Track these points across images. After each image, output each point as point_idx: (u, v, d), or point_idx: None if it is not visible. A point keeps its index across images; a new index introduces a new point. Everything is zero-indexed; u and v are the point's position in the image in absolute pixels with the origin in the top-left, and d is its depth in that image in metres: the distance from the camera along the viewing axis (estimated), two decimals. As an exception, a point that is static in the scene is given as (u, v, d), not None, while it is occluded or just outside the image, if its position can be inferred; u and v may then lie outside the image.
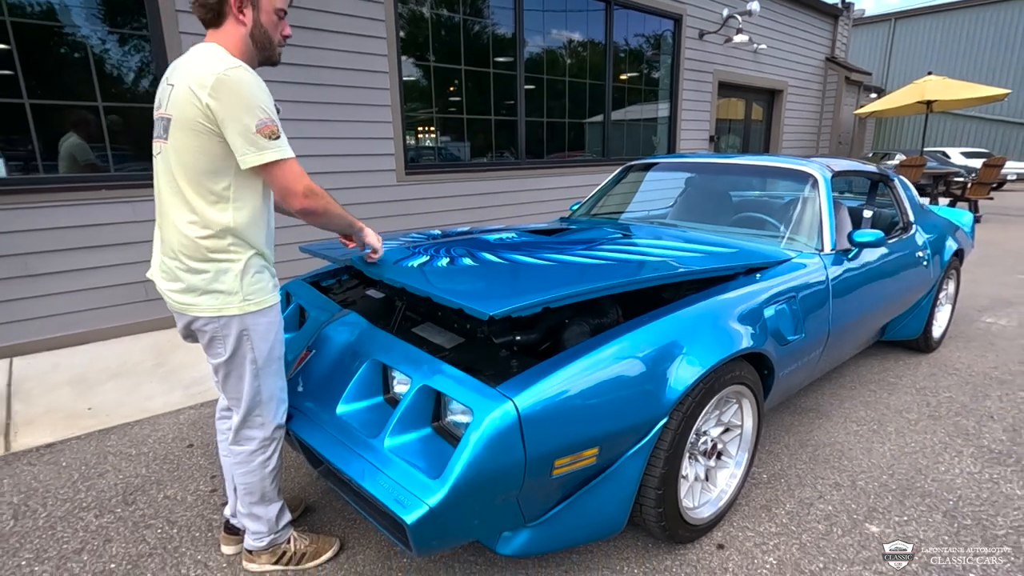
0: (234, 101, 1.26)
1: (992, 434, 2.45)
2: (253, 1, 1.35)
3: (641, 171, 3.25)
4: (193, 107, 1.27)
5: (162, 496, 1.98)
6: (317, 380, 1.66)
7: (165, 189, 1.39)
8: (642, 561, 1.68)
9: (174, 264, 1.39)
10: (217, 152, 1.31)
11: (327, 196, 1.46)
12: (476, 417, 1.25)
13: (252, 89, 1.28)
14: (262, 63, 1.46)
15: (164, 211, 1.40)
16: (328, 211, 1.46)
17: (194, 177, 1.33)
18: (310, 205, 1.40)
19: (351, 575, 1.62)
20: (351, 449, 1.40)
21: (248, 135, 1.28)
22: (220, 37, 1.36)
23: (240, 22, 1.36)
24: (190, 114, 1.28)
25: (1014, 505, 1.96)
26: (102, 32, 3.37)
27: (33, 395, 2.78)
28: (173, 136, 1.32)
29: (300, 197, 1.38)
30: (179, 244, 1.37)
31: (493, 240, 2.13)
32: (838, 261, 2.30)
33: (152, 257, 1.50)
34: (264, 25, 1.39)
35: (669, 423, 1.52)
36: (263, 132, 1.29)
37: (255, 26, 1.38)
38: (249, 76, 1.29)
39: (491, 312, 1.28)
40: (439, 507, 1.20)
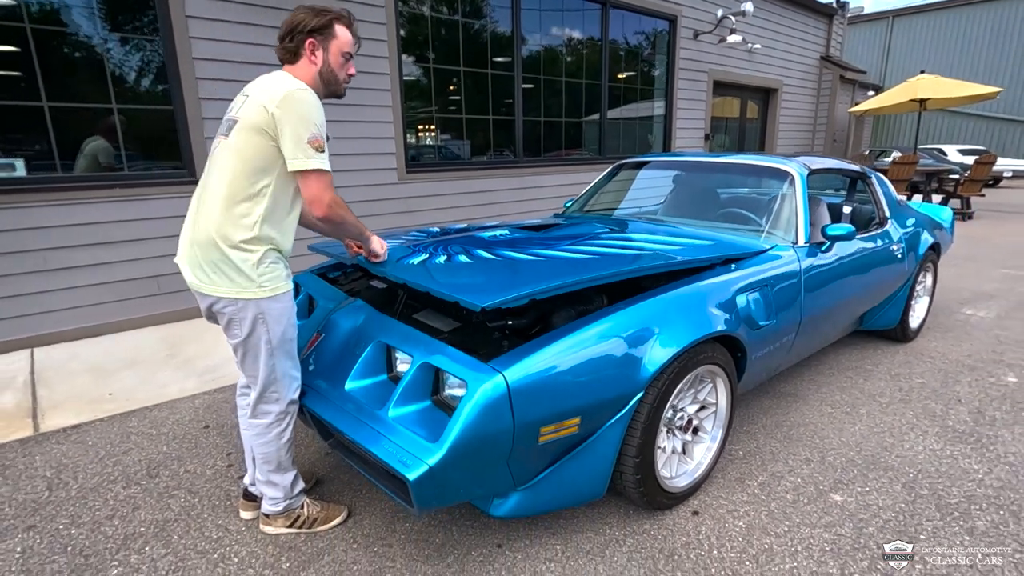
0: (295, 114, 1.48)
1: (957, 416, 2.61)
2: (324, 46, 1.61)
3: (631, 169, 3.41)
4: (261, 115, 1.49)
5: (183, 470, 2.15)
6: (327, 361, 1.82)
7: (212, 181, 1.57)
8: (623, 525, 1.85)
9: (201, 249, 1.56)
10: (268, 155, 1.52)
11: (347, 208, 1.64)
12: (470, 388, 1.41)
13: (311, 108, 1.51)
14: (327, 96, 1.70)
15: (204, 199, 1.58)
16: (345, 221, 1.64)
17: (242, 172, 1.52)
18: (332, 214, 1.58)
19: (358, 538, 1.79)
20: (359, 420, 1.56)
21: (300, 144, 1.48)
22: (296, 71, 1.62)
23: (312, 63, 1.62)
24: (257, 120, 1.50)
25: (969, 478, 2.12)
26: (116, 40, 3.53)
27: (55, 382, 2.94)
28: (236, 135, 1.53)
29: (325, 206, 1.56)
30: (210, 230, 1.54)
31: (488, 237, 2.29)
32: (812, 253, 2.46)
33: (180, 242, 1.66)
34: (331, 65, 1.64)
35: (645, 397, 1.68)
36: (312, 144, 1.49)
37: (324, 66, 1.63)
38: (311, 97, 1.52)
39: (482, 304, 1.44)
40: (437, 466, 1.36)
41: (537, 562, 1.69)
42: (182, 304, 3.94)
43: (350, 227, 1.69)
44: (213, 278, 1.55)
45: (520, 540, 1.78)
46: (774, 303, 2.16)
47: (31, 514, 1.90)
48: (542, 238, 2.25)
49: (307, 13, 1.60)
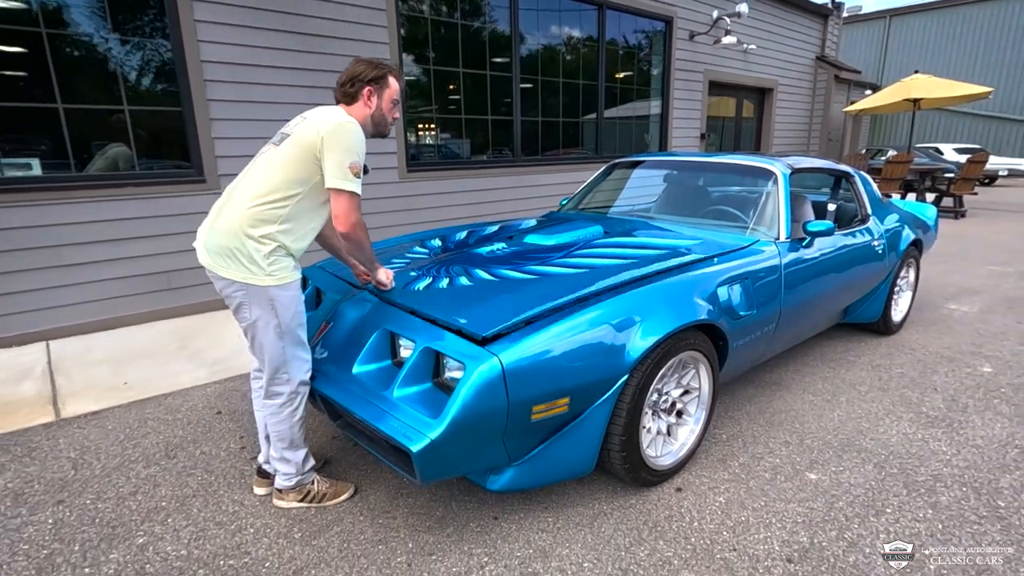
0: (341, 142, 1.69)
1: (932, 403, 2.74)
2: (379, 94, 1.85)
3: (625, 168, 3.54)
4: (312, 136, 1.70)
5: (199, 452, 2.29)
6: (335, 348, 1.96)
7: (249, 179, 1.75)
8: (610, 500, 1.98)
9: (220, 236, 1.72)
10: (308, 170, 1.72)
11: (367, 233, 1.84)
12: (468, 369, 1.55)
13: (356, 140, 1.72)
14: (374, 135, 1.93)
15: (235, 194, 1.76)
16: (363, 243, 1.84)
17: (280, 179, 1.71)
18: (354, 233, 1.78)
19: (364, 511, 1.92)
20: (367, 400, 1.70)
21: (342, 167, 1.69)
22: (352, 111, 1.84)
23: (367, 106, 1.85)
24: (308, 139, 1.70)
25: (937, 459, 2.26)
26: (127, 44, 3.66)
27: (73, 372, 3.08)
28: (286, 147, 1.74)
29: (351, 224, 1.75)
30: (234, 222, 1.70)
31: (486, 254, 2.41)
32: (793, 248, 2.60)
33: (200, 227, 1.83)
34: (383, 110, 1.88)
35: (630, 380, 1.81)
36: (352, 169, 1.70)
37: (376, 110, 1.86)
38: (358, 131, 1.74)
39: (483, 334, 1.62)
40: (439, 440, 1.49)
41: (530, 532, 1.82)
42: (191, 299, 4.08)
43: (366, 250, 1.87)
44: (228, 263, 1.71)
45: (515, 513, 1.91)
46: (755, 295, 2.30)
47: (59, 491, 2.03)
48: (535, 252, 2.37)
49: (367, 65, 1.84)
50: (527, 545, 1.77)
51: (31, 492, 2.03)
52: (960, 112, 20.00)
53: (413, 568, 1.67)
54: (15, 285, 3.43)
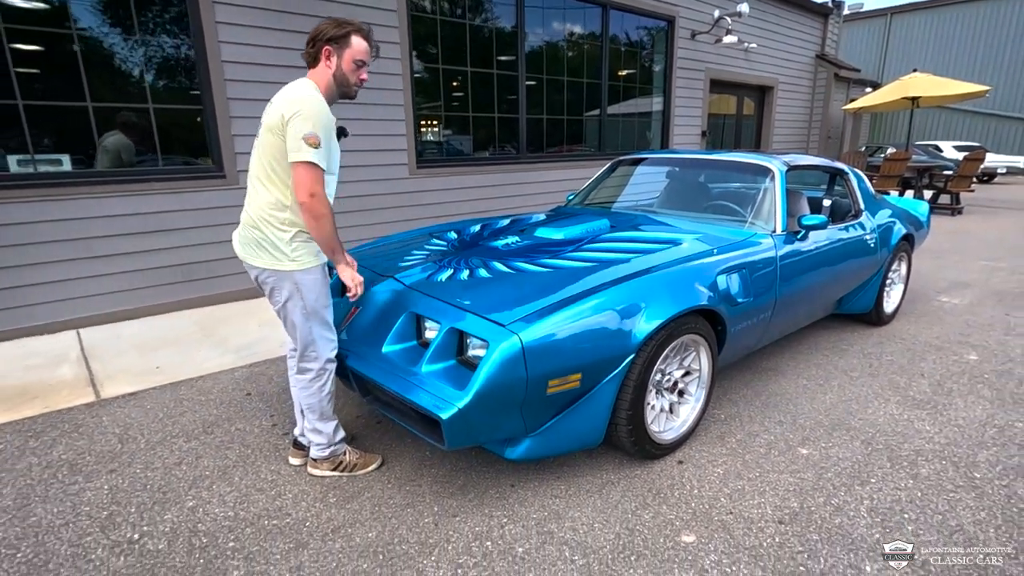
0: (299, 115, 1.72)
1: (918, 387, 2.91)
2: (339, 54, 1.86)
3: (629, 165, 3.71)
4: (277, 118, 1.77)
5: (234, 428, 2.46)
6: (365, 330, 2.13)
7: (252, 174, 1.90)
8: (618, 471, 2.16)
9: (247, 229, 1.90)
10: (281, 152, 1.78)
11: (329, 214, 1.82)
12: (491, 345, 1.72)
13: (312, 109, 1.74)
14: (341, 97, 1.94)
15: (250, 191, 1.91)
16: (323, 221, 1.80)
17: (269, 164, 1.82)
18: (312, 206, 1.76)
19: (392, 480, 2.10)
20: (397, 375, 1.87)
21: (296, 138, 1.72)
22: (314, 75, 1.88)
23: (327, 67, 1.87)
24: (274, 122, 1.78)
25: (920, 436, 2.43)
26: (152, 44, 3.82)
27: (106, 358, 3.25)
28: (261, 136, 1.84)
29: (307, 194, 1.75)
30: (255, 215, 1.87)
31: (502, 247, 2.58)
32: (788, 240, 2.76)
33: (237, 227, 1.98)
34: (344, 71, 1.87)
35: (636, 359, 1.98)
36: (308, 140, 1.72)
37: (337, 70, 1.87)
38: (314, 99, 1.77)
39: (506, 323, 1.78)
40: (466, 408, 1.66)
41: (545, 498, 2.00)
42: (214, 290, 4.25)
43: (326, 234, 1.83)
44: (257, 252, 1.87)
45: (530, 481, 2.09)
46: (752, 284, 2.46)
47: (109, 461, 2.21)
48: (548, 246, 2.53)
49: (329, 24, 1.86)
50: (542, 509, 1.94)
51: (84, 463, 2.20)
52: (960, 110, 20.12)
53: (439, 528, 1.85)
54: (48, 276, 3.61)
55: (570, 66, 6.49)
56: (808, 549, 1.76)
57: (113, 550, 1.74)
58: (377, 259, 2.60)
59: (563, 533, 1.82)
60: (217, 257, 4.24)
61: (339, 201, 4.71)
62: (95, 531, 1.82)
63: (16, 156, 3.49)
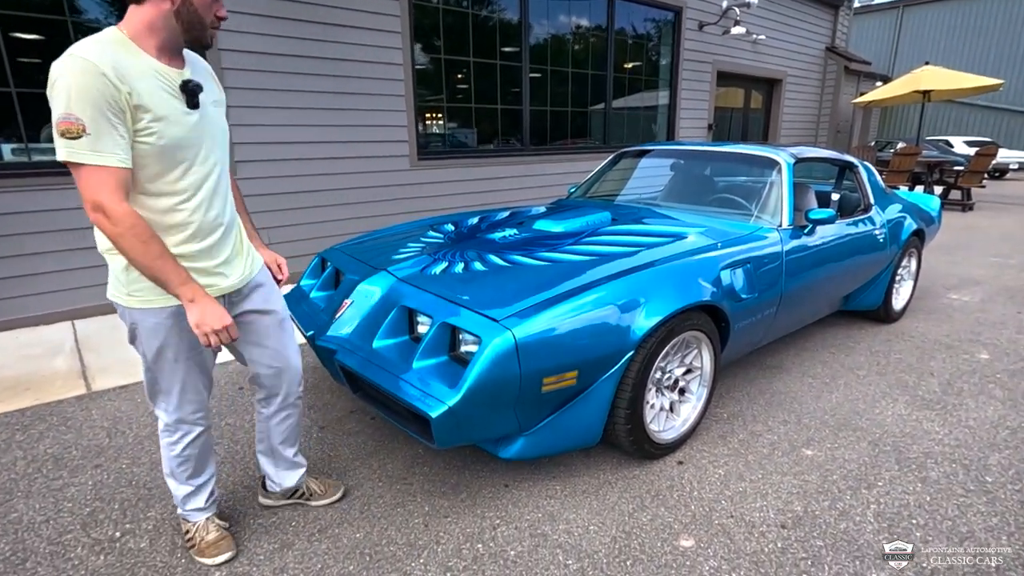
0: (51, 93, 1.16)
1: (928, 387, 2.83)
2: None
3: (632, 157, 3.63)
4: None
5: (224, 423, 2.41)
6: (356, 324, 2.06)
7: None
8: (615, 471, 2.09)
9: None
10: None
11: (137, 227, 1.21)
12: (484, 341, 1.65)
13: (66, 79, 1.14)
14: (190, 45, 1.34)
15: None
16: (124, 241, 1.21)
17: None
18: (99, 222, 1.20)
19: (383, 478, 2.04)
20: (388, 371, 1.81)
21: (56, 130, 1.16)
22: (137, 14, 1.25)
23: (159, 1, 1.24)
24: None
25: (930, 438, 2.35)
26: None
27: (100, 349, 3.21)
28: None
29: (89, 210, 1.20)
30: None
31: (499, 240, 2.51)
32: (795, 235, 2.68)
33: None
34: (194, 3, 1.27)
35: (635, 357, 1.91)
36: (60, 127, 1.15)
37: (183, 4, 1.25)
38: (72, 67, 1.14)
39: (500, 319, 1.71)
40: (456, 406, 1.60)
41: (539, 498, 1.94)
42: (208, 282, 4.20)
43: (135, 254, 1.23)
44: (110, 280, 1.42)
45: (524, 481, 2.03)
46: (756, 279, 2.39)
47: (96, 456, 2.16)
48: (546, 239, 2.46)
49: None
50: (536, 510, 1.88)
51: (70, 457, 2.15)
52: (972, 104, 19.83)
53: (430, 528, 1.79)
54: (42, 266, 3.57)
55: (575, 58, 6.39)
56: (812, 555, 1.69)
57: (93, 548, 1.69)
58: (371, 251, 2.54)
59: (557, 536, 1.76)
60: (214, 249, 4.18)
61: (332, 194, 4.70)
62: (76, 528, 1.77)
63: (10, 144, 3.45)
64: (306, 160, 4.48)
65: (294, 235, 4.53)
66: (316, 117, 4.46)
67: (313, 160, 4.52)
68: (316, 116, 4.46)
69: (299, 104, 4.35)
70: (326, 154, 4.57)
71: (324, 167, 4.59)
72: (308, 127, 4.43)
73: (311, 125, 4.44)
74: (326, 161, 4.59)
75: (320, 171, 4.58)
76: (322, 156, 4.56)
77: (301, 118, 4.38)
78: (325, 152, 4.56)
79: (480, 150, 5.78)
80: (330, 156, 4.60)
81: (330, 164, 4.62)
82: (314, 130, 4.46)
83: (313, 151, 4.50)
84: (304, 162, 4.48)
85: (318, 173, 4.57)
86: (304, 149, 4.45)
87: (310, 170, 4.52)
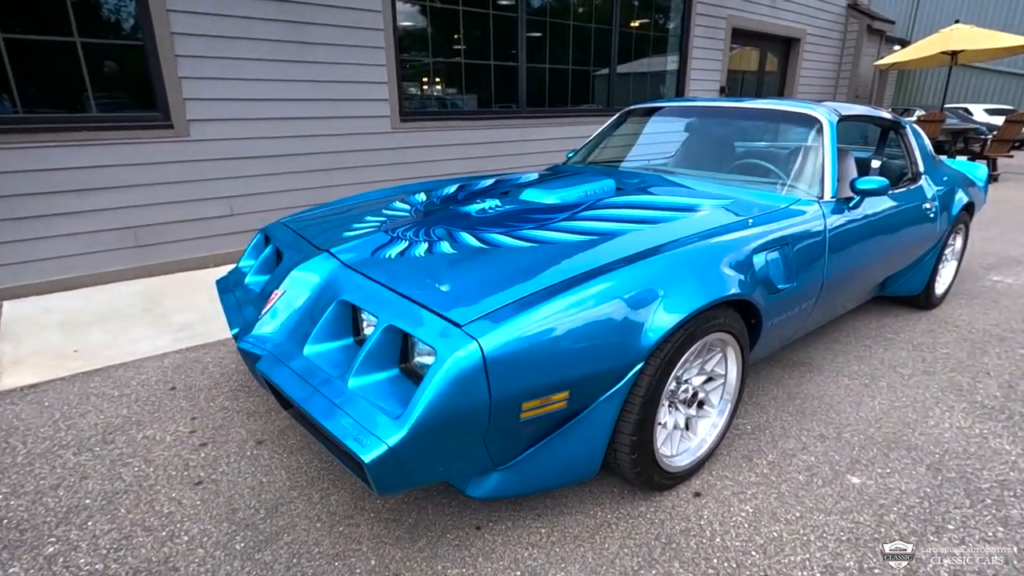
0: None
1: (986, 390, 2.39)
2: None
3: (641, 116, 3.11)
4: None
5: (141, 436, 1.98)
6: (287, 321, 1.61)
7: None
8: (616, 507, 1.67)
9: None
10: None
11: None
12: (439, 357, 1.20)
13: None
14: None
15: None
16: None
17: None
18: None
19: (323, 516, 1.62)
20: (315, 388, 1.36)
21: None
22: None
23: None
24: None
25: (1001, 460, 1.92)
26: (76, -39, 3.20)
27: (23, 337, 2.77)
28: None
29: None
30: None
31: (475, 212, 2.03)
32: (838, 210, 2.20)
33: None
34: None
35: (645, 369, 1.47)
36: None
37: None
38: None
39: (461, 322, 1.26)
40: (398, 447, 1.16)
41: (519, 547, 1.52)
42: (162, 257, 3.74)
43: None
44: None
45: (502, 522, 1.61)
46: (795, 264, 1.92)
47: (-30, 481, 1.74)
48: (535, 212, 1.98)
49: None
50: (513, 566, 1.46)
51: (-63, 483, 1.74)
52: (992, 70, 18.92)
53: (374, 592, 1.38)
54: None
55: (577, 12, 5.77)
56: (876, 638, 1.28)
57: (-77, 624, 1.28)
58: (321, 226, 2.07)
59: (540, 605, 1.35)
60: (168, 220, 3.72)
61: (302, 159, 4.18)
62: (-91, 593, 1.36)
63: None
64: (272, 120, 3.96)
65: (260, 205, 4.04)
66: (281, 70, 3.92)
67: (280, 120, 4.00)
68: (281, 69, 3.92)
69: (261, 55, 3.81)
70: (295, 113, 4.05)
71: (293, 128, 4.07)
72: (273, 82, 3.90)
73: (277, 80, 3.91)
74: (295, 121, 4.07)
75: (288, 132, 4.06)
76: (290, 116, 4.03)
77: (264, 71, 3.85)
78: (294, 111, 4.04)
79: (472, 111, 5.23)
80: (299, 116, 4.07)
81: (300, 125, 4.09)
82: (280, 85, 3.93)
83: (279, 109, 3.97)
84: (269, 122, 3.96)
85: (286, 135, 4.05)
86: (269, 107, 3.93)
87: (276, 131, 4.00)
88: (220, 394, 2.26)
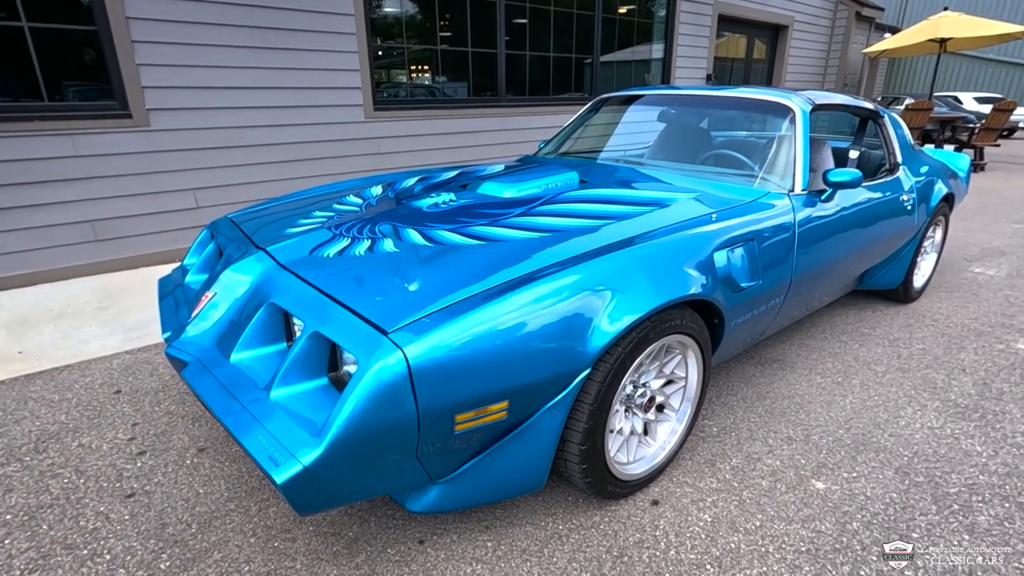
0: None
1: (961, 387, 2.34)
2: None
3: (615, 105, 3.01)
4: None
5: (76, 444, 1.88)
6: (216, 325, 1.52)
7: None
8: (569, 517, 1.59)
9: None
10: None
11: None
12: (360, 367, 1.11)
13: None
14: None
15: None
16: None
17: None
18: None
19: (259, 530, 1.54)
20: (236, 399, 1.27)
21: None
22: None
23: None
24: None
25: (971, 462, 1.86)
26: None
27: (-35, 337, 2.66)
28: None
29: None
30: None
31: (427, 208, 1.93)
32: (809, 203, 2.12)
33: None
34: None
35: (593, 375, 1.38)
36: None
37: None
38: None
39: (388, 328, 1.17)
40: (315, 466, 1.08)
41: (462, 562, 1.44)
42: (122, 252, 3.62)
43: None
44: None
45: (447, 535, 1.53)
46: (761, 260, 1.84)
47: None
48: (488, 207, 1.88)
49: None
50: (455, 583, 1.38)
51: None
52: (981, 58, 18.90)
53: (303, 615, 1.29)
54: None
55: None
56: (829, 660, 1.21)
57: None
58: (265, 222, 1.96)
59: (478, 627, 1.27)
60: (127, 214, 3.58)
61: (271, 149, 4.05)
62: None
63: None
64: (238, 109, 3.82)
65: (227, 197, 3.91)
66: (246, 57, 3.78)
67: (246, 109, 3.86)
68: (246, 56, 3.78)
69: (224, 41, 3.66)
70: (262, 101, 3.91)
71: (260, 117, 3.93)
72: (238, 69, 3.75)
73: (242, 67, 3.76)
74: (263, 110, 3.93)
75: (256, 122, 3.92)
76: (257, 104, 3.89)
77: (228, 58, 3.70)
78: (261, 99, 3.90)
79: (450, 99, 5.10)
80: (267, 104, 3.93)
81: (268, 114, 3.96)
82: (245, 72, 3.78)
83: (245, 98, 3.83)
84: (235, 111, 3.82)
85: (253, 125, 3.91)
86: (235, 96, 3.79)
87: (243, 120, 3.86)
88: (167, 398, 2.17)
